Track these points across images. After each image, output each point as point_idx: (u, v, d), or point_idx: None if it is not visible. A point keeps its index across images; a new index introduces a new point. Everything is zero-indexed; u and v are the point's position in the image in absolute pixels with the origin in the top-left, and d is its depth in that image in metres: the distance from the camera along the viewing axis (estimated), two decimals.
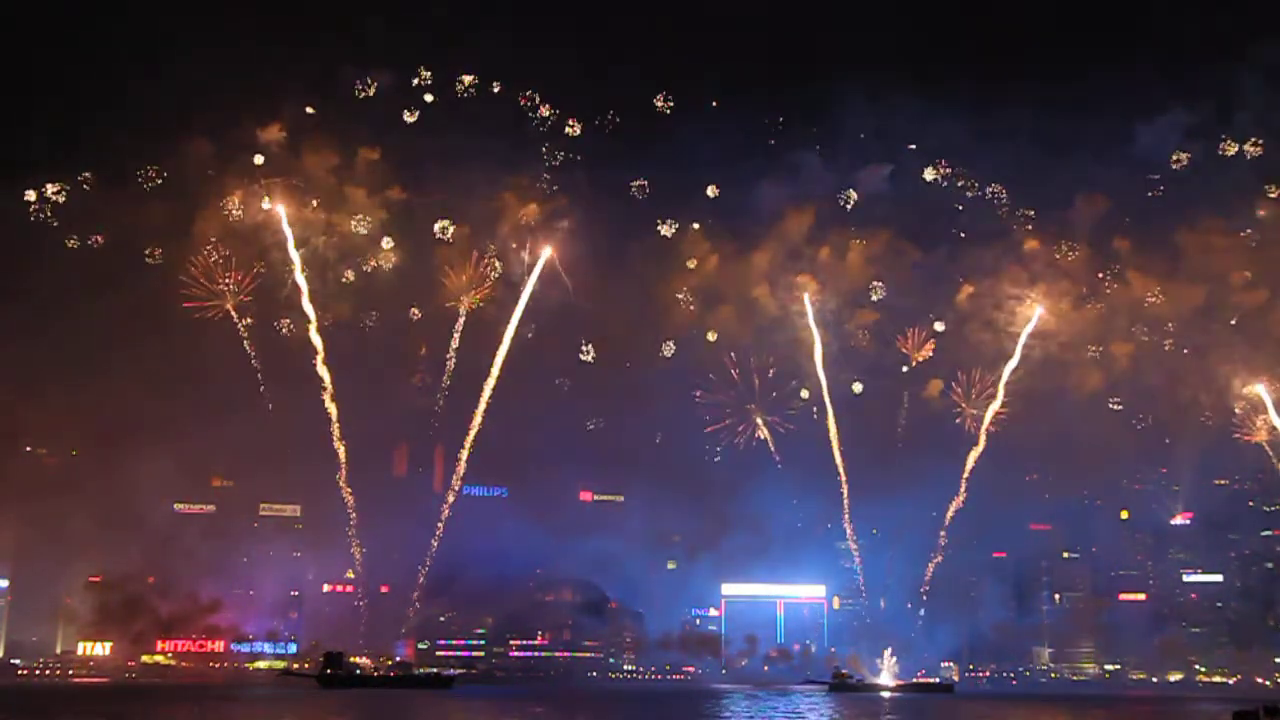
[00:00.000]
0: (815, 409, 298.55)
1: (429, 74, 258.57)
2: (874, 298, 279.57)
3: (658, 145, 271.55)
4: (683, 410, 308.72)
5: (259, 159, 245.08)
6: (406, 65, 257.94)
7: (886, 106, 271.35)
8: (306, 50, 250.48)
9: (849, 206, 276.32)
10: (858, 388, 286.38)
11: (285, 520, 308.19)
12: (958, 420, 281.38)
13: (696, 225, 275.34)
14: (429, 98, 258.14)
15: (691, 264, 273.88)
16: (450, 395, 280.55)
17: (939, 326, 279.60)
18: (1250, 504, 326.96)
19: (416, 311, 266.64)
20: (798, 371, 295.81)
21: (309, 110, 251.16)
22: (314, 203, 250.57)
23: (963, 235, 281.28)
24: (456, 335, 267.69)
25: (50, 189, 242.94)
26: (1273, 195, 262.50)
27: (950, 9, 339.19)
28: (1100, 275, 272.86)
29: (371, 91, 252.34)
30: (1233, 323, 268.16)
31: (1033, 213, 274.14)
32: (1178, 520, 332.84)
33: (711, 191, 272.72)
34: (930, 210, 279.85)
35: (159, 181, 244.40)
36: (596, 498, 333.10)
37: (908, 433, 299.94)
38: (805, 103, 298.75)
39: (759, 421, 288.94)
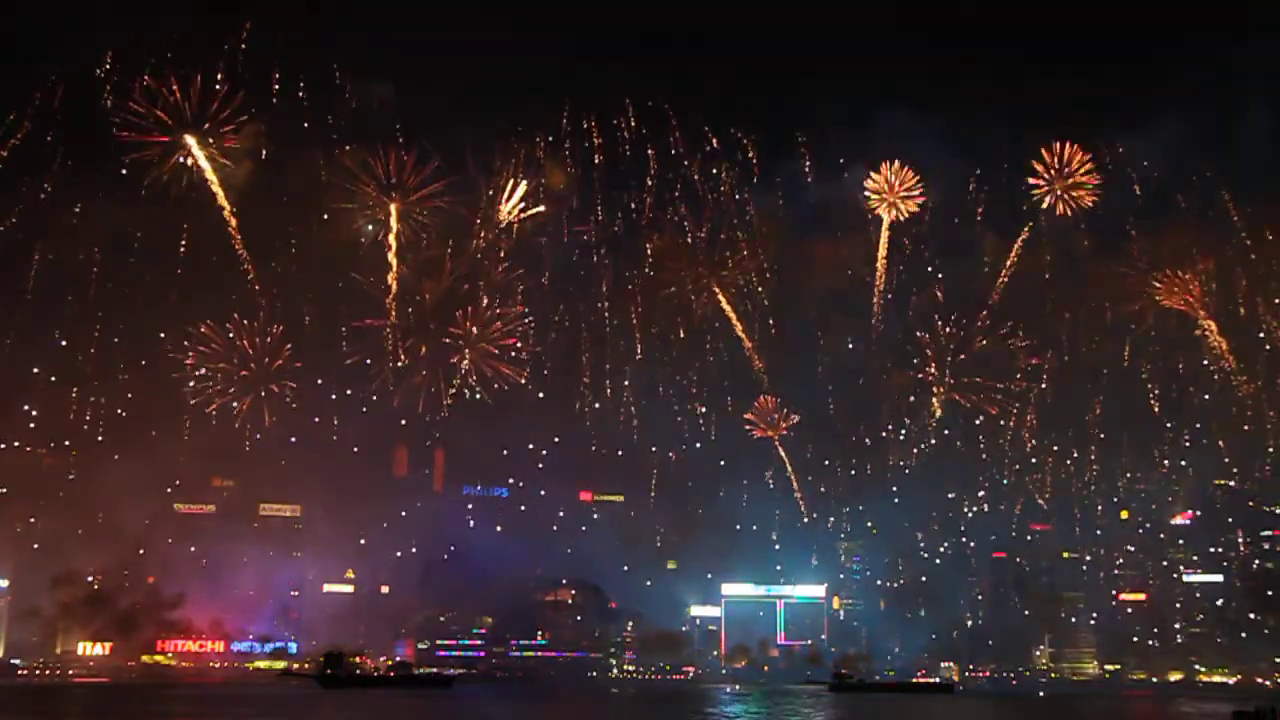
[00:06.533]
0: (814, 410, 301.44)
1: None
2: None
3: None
4: (683, 410, 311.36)
5: None
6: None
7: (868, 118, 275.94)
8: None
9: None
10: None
11: (285, 520, 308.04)
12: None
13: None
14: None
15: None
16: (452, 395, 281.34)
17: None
18: (1250, 504, 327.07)
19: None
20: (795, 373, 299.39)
21: None
22: None
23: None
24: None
25: None
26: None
27: (936, 23, 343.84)
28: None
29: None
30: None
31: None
32: (1178, 520, 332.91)
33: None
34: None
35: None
36: (596, 498, 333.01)
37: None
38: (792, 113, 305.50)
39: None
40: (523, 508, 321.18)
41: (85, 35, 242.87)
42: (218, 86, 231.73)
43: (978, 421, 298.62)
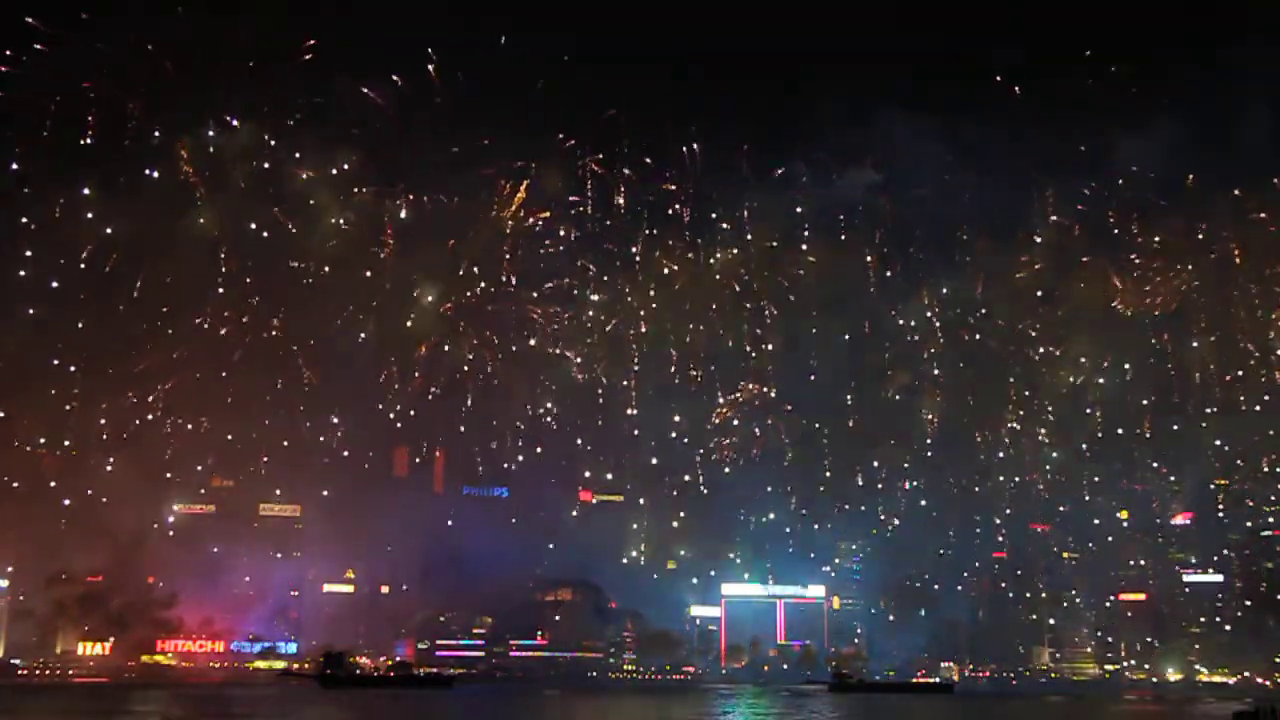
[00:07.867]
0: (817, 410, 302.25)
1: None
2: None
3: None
4: (684, 410, 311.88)
5: None
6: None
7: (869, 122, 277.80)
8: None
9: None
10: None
11: (285, 520, 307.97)
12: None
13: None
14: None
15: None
16: (451, 396, 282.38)
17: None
18: (1250, 504, 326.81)
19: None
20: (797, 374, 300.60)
21: None
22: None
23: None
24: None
25: None
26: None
27: (936, 23, 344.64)
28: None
29: None
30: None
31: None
32: (1178, 520, 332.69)
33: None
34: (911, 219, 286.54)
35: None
36: (596, 498, 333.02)
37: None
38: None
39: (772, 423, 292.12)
40: (521, 509, 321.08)
41: (83, 37, 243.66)
42: (215, 88, 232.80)
43: (977, 429, 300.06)
